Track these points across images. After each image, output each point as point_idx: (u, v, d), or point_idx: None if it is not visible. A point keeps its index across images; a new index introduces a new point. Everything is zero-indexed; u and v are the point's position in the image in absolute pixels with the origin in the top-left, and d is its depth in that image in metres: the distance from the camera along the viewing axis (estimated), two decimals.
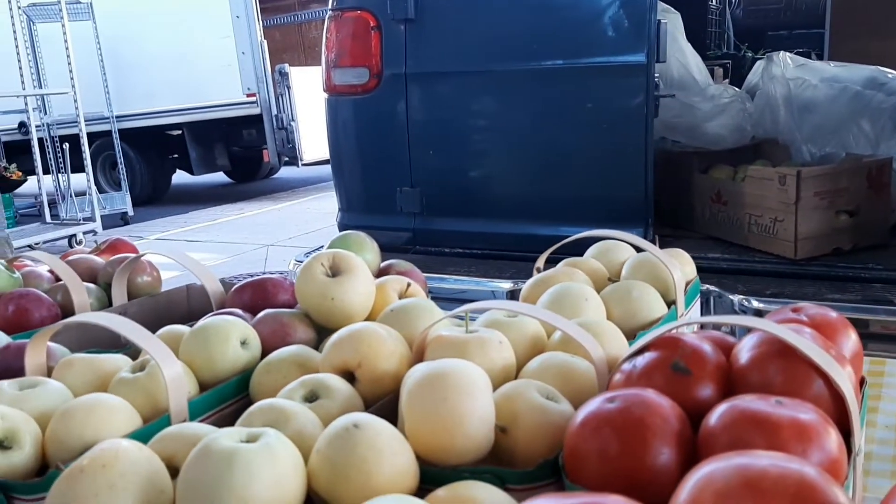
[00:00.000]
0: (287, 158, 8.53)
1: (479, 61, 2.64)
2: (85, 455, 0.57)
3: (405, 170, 2.72)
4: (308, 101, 8.11)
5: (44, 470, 0.68)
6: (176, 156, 8.89)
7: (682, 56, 2.63)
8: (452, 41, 2.61)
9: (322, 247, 3.07)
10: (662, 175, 2.55)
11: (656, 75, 2.30)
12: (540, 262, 1.07)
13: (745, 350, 0.62)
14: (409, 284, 0.95)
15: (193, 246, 6.03)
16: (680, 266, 0.96)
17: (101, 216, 6.51)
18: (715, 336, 0.69)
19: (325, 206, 7.47)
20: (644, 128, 2.22)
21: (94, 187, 6.50)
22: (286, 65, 8.05)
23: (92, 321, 0.74)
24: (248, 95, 8.04)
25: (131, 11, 7.90)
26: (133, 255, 1.19)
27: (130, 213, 7.35)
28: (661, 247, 1.08)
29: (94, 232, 6.31)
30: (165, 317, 1.11)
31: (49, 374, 0.80)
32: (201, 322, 0.84)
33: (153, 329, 0.86)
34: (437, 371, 0.61)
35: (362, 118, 2.79)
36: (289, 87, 8.16)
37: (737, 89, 2.70)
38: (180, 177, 9.25)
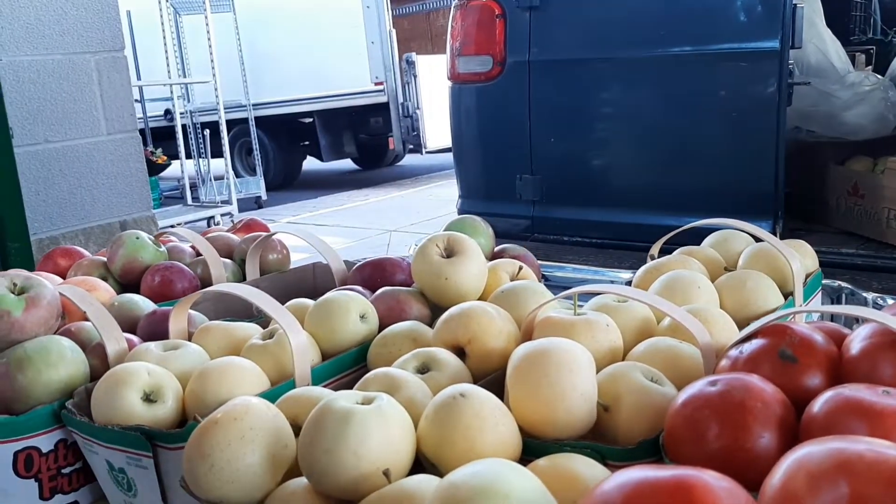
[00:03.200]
0: (412, 146, 8.70)
1: (604, 48, 2.61)
2: (219, 409, 0.63)
3: (525, 157, 2.74)
4: (433, 89, 8.22)
5: (183, 423, 0.75)
6: (307, 143, 9.23)
7: (819, 41, 2.51)
8: (577, 28, 2.60)
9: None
10: (795, 166, 2.45)
11: (790, 62, 2.21)
12: (654, 250, 1.06)
13: (856, 340, 0.61)
14: (520, 267, 0.97)
15: (321, 230, 6.26)
16: (800, 257, 0.94)
17: (237, 200, 6.86)
18: (829, 327, 0.68)
19: (447, 193, 7.56)
20: (776, 117, 2.14)
21: (231, 172, 6.86)
22: (413, 53, 8.19)
23: (229, 291, 0.81)
24: (376, 84, 8.24)
25: (268, 3, 8.25)
26: (265, 233, 1.28)
27: (264, 197, 7.71)
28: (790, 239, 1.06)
29: (230, 214, 6.66)
30: (293, 292, 1.18)
31: (189, 338, 0.88)
32: (324, 296, 0.90)
33: (282, 302, 0.94)
34: (542, 348, 0.63)
35: (485, 105, 2.82)
36: (415, 76, 8.30)
37: (879, 77, 2.55)
38: (310, 163, 9.60)
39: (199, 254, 1.23)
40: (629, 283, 2.35)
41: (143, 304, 0.99)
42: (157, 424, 0.72)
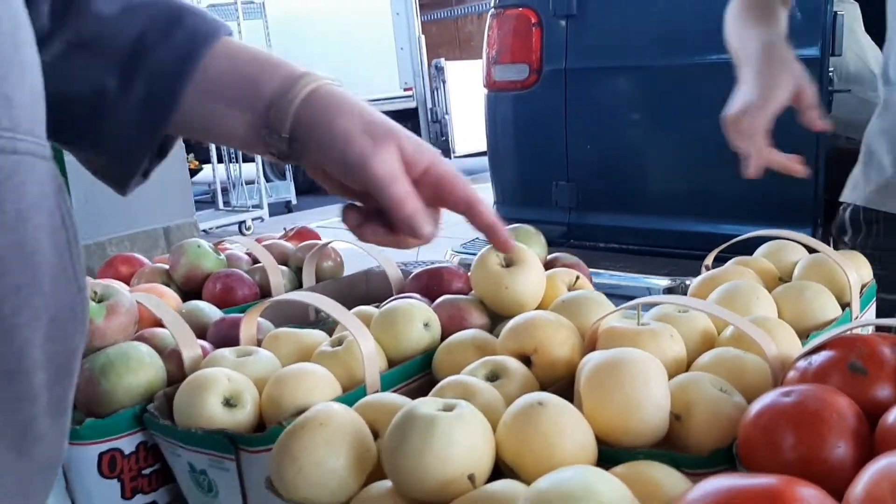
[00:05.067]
0: (440, 151, 8.71)
1: (641, 56, 2.62)
2: (304, 415, 0.65)
3: (561, 164, 2.75)
4: (462, 94, 8.23)
5: (260, 426, 0.78)
6: None
7: (859, 49, 2.50)
8: (614, 36, 2.62)
9: (477, 238, 3.13)
10: (835, 174, 2.44)
11: (830, 70, 2.20)
12: (708, 260, 1.08)
13: None
14: (577, 277, 0.99)
15: (349, 235, 6.30)
16: (856, 268, 0.95)
17: (268, 204, 6.93)
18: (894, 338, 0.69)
19: None
20: None
21: (262, 176, 6.94)
22: (442, 59, 8.24)
23: (300, 300, 0.84)
24: (405, 90, 8.29)
25: (299, 11, 8.33)
26: (319, 241, 1.31)
27: (294, 201, 7.80)
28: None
29: (261, 219, 6.75)
30: (347, 298, 1.21)
31: (258, 344, 0.91)
32: (389, 304, 0.92)
33: None
34: (616, 358, 0.65)
35: (520, 113, 2.84)
36: (444, 81, 8.34)
37: None
38: None
39: (255, 261, 1.27)
40: (669, 290, 2.36)
41: (209, 310, 1.02)
42: (236, 428, 0.75)
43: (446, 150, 8.59)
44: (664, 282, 2.36)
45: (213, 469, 0.75)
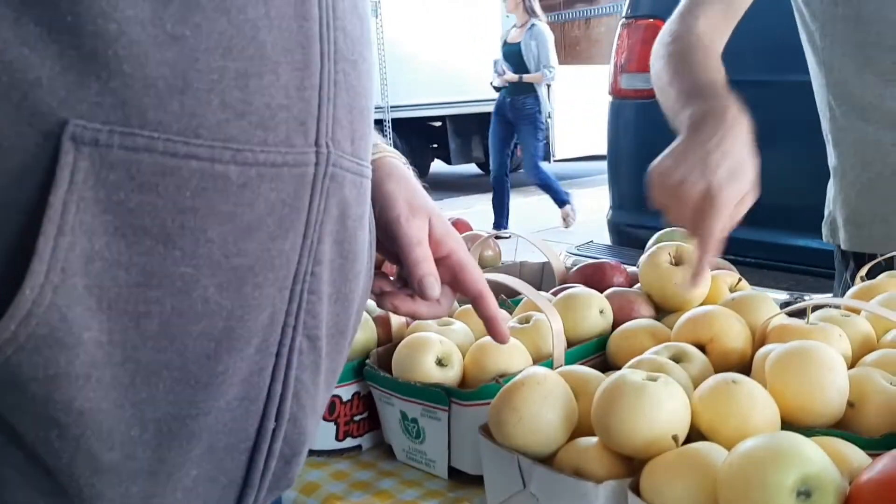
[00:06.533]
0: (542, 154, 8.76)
1: (770, 70, 2.65)
2: (523, 373, 0.77)
3: None
4: (565, 98, 8.26)
5: (462, 385, 0.90)
6: (435, 146, 9.47)
7: None
8: (744, 49, 2.64)
9: (591, 241, 3.17)
10: None
11: None
12: (863, 272, 1.14)
13: None
14: (739, 279, 1.08)
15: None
16: None
17: None
18: None
19: (574, 202, 7.57)
20: None
21: None
22: None
23: (502, 280, 0.96)
24: None
25: (411, 12, 8.54)
26: (474, 231, 1.43)
27: None
28: None
29: None
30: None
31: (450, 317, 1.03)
32: (568, 291, 1.03)
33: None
34: (803, 346, 0.74)
35: (644, 121, 2.90)
36: (548, 85, 8.38)
37: None
38: (436, 165, 9.84)
39: None
40: (786, 304, 2.37)
41: None
42: (446, 384, 0.87)
43: (547, 154, 8.63)
44: (783, 296, 2.38)
45: (425, 418, 0.87)
